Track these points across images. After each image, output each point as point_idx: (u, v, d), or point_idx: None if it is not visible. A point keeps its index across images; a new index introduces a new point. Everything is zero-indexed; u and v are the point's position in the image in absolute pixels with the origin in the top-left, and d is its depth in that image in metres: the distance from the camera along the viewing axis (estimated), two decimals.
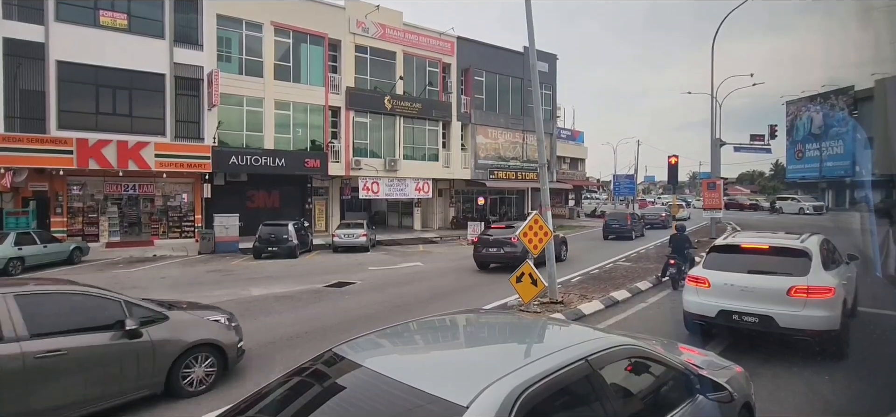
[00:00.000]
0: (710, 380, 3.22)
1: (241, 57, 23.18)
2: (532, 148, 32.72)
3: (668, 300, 10.17)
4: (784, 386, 5.51)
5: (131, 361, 4.91)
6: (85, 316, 4.79)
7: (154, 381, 5.14)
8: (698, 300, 6.81)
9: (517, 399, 2.11)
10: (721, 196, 23.01)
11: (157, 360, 5.11)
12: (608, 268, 14.41)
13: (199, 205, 21.93)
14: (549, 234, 9.05)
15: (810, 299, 5.97)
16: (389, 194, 27.79)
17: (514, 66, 32.96)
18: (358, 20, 26.03)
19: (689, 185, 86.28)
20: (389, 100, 27.02)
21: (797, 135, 54.66)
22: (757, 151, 27.86)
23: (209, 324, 5.75)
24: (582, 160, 54.40)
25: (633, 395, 2.94)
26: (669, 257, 11.60)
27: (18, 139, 17.33)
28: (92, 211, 20.48)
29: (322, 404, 2.36)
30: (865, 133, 41.77)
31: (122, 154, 18.80)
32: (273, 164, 22.73)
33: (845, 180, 46.39)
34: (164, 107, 20.14)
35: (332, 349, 2.77)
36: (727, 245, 7.24)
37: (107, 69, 19.00)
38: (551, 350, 2.63)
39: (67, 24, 18.32)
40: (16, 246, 15.18)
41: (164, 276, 14.68)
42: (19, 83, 17.99)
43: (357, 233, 20.74)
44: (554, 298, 9.49)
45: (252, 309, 10.05)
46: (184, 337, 5.35)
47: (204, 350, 5.49)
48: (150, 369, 5.06)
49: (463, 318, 3.84)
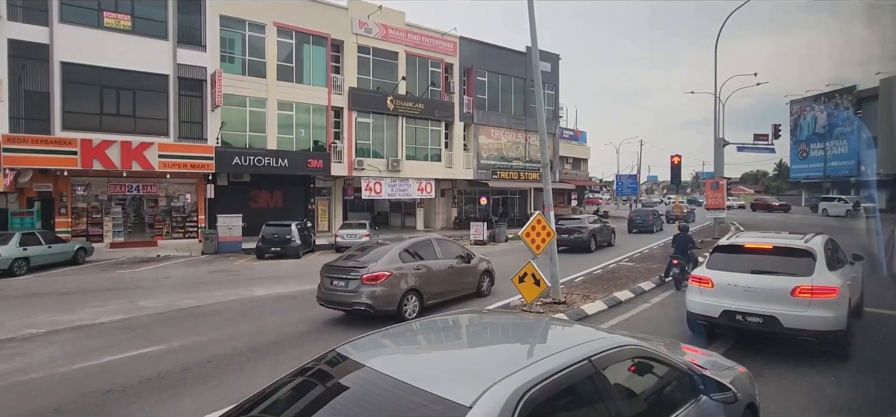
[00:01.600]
0: (714, 381, 3.20)
1: (244, 57, 23.24)
2: (534, 148, 32.68)
3: (671, 300, 10.14)
4: (789, 387, 5.48)
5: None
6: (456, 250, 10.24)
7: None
8: (702, 300, 6.78)
9: (520, 399, 2.10)
10: (724, 196, 22.94)
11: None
12: (611, 268, 14.37)
13: (202, 206, 21.99)
14: (552, 235, 9.03)
15: (815, 299, 5.94)
16: (392, 194, 27.81)
17: (517, 66, 32.93)
18: (360, 20, 26.06)
19: (691, 185, 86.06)
20: (392, 101, 27.04)
21: (801, 135, 54.44)
22: (760, 151, 27.78)
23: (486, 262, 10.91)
24: (585, 160, 54.27)
25: (636, 395, 2.93)
26: (673, 257, 11.56)
27: (23, 140, 17.42)
28: (96, 212, 20.55)
29: (325, 404, 2.37)
30: (870, 132, 41.55)
31: (126, 154, 18.87)
32: (276, 165, 22.78)
33: (849, 180, 46.17)
34: (167, 108, 20.21)
35: (336, 349, 2.77)
36: (731, 245, 7.21)
37: (111, 70, 19.09)
38: (554, 350, 2.62)
39: (71, 26, 18.41)
40: (21, 246, 15.24)
41: (168, 276, 14.73)
42: (24, 84, 18.08)
43: (360, 234, 20.76)
44: (557, 298, 9.47)
45: (256, 309, 10.08)
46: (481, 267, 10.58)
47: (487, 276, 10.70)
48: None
49: (466, 318, 3.84)
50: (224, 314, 9.65)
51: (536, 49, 10.14)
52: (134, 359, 6.88)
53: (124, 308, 10.14)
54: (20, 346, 7.62)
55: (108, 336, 8.15)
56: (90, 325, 8.82)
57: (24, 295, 11.94)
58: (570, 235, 18.83)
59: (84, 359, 6.88)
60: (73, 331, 8.44)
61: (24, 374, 6.36)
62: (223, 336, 8.00)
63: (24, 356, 7.14)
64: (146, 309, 9.98)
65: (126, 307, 10.21)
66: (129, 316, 9.41)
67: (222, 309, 10.10)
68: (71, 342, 7.83)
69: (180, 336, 8.00)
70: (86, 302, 10.83)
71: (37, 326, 8.73)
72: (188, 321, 9.12)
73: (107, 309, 10.08)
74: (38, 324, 8.84)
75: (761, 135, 26.84)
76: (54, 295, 12.02)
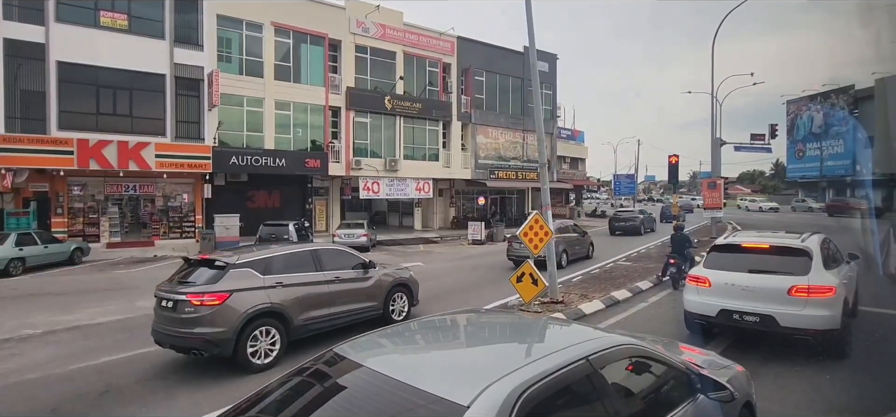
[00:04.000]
0: (711, 380, 3.22)
1: (241, 57, 23.18)
2: (532, 147, 32.70)
3: (668, 299, 10.17)
4: (785, 385, 5.51)
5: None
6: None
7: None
8: (699, 299, 6.80)
9: (518, 398, 2.11)
10: (722, 195, 23.00)
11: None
12: (608, 268, 14.40)
13: (199, 206, 21.94)
14: (550, 234, 9.04)
15: (811, 298, 5.97)
16: (390, 194, 27.79)
17: (515, 66, 32.95)
18: (358, 20, 26.03)
19: (689, 185, 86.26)
20: (390, 100, 27.02)
21: (798, 135, 54.62)
22: (757, 151, 27.84)
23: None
24: (582, 159, 54.39)
25: (634, 394, 2.94)
26: (670, 256, 11.59)
27: (19, 139, 17.34)
28: (93, 212, 20.47)
29: (323, 404, 2.36)
30: (866, 132, 41.73)
31: (123, 154, 18.81)
32: (273, 164, 22.73)
33: (846, 179, 46.37)
34: (164, 108, 20.14)
35: (333, 348, 2.77)
36: (728, 244, 7.24)
37: (107, 69, 19.00)
38: (552, 349, 2.63)
39: (68, 25, 18.32)
40: (17, 246, 15.17)
41: (165, 276, 14.66)
42: (20, 84, 17.99)
43: (357, 233, 20.75)
44: (554, 298, 9.49)
45: None
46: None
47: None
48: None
49: (463, 318, 3.84)
50: None
51: (534, 49, 10.15)
52: (131, 360, 6.87)
53: (121, 308, 10.11)
54: (17, 347, 7.59)
55: (105, 336, 8.13)
56: (87, 326, 8.79)
57: (20, 296, 11.88)
58: (626, 223, 26.58)
59: (81, 360, 6.86)
60: (69, 332, 8.41)
61: (20, 375, 6.34)
62: None
63: (20, 356, 7.11)
64: (143, 310, 9.91)
65: (123, 307, 10.18)
66: (126, 317, 9.38)
67: None
68: (68, 342, 7.80)
69: None
70: (82, 302, 10.79)
71: (33, 327, 8.69)
72: None
73: (104, 309, 10.04)
74: (34, 325, 8.81)
75: (758, 135, 26.90)
76: (51, 295, 11.96)
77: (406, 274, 8.97)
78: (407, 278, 8.84)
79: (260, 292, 6.51)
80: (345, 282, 7.67)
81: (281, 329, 6.61)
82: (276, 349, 6.56)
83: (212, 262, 6.66)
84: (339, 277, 7.60)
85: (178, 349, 6.39)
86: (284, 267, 6.99)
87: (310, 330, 7.07)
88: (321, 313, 7.21)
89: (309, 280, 7.15)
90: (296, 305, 6.85)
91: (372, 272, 8.14)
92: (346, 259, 8.07)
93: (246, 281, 6.45)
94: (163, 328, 6.35)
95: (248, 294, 6.39)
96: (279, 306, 6.63)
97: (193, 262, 6.97)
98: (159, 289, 6.63)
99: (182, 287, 6.37)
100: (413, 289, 8.88)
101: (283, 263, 7.04)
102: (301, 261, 7.31)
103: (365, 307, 7.93)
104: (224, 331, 6.06)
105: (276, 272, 6.84)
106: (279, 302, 6.64)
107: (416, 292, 8.95)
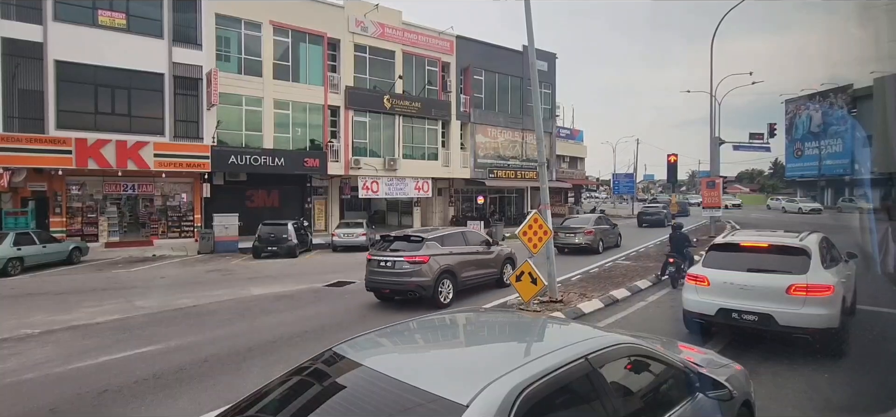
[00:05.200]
0: (710, 378, 3.22)
1: (240, 56, 23.14)
2: (531, 147, 32.70)
3: (667, 298, 10.18)
4: (784, 384, 5.52)
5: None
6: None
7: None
8: (698, 298, 6.81)
9: (517, 397, 2.11)
10: (720, 194, 23.03)
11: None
12: (607, 267, 14.41)
13: (198, 205, 21.91)
14: (549, 233, 9.04)
15: (809, 297, 5.98)
16: (389, 193, 27.78)
17: (514, 65, 32.94)
18: (357, 19, 26.00)
19: (687, 184, 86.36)
20: (389, 100, 27.00)
21: (796, 134, 54.73)
22: (756, 150, 27.89)
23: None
24: (581, 159, 54.38)
25: (632, 393, 2.94)
26: (669, 256, 11.61)
27: (17, 139, 17.30)
28: (91, 211, 20.44)
29: (322, 403, 2.36)
30: (864, 131, 41.81)
31: (121, 154, 18.78)
32: (272, 164, 22.71)
33: (844, 178, 46.46)
34: (163, 107, 20.11)
35: (332, 348, 2.77)
36: (727, 243, 7.25)
37: (105, 69, 18.96)
38: (551, 348, 2.63)
39: (66, 24, 18.28)
40: (15, 246, 15.15)
41: (164, 276, 14.68)
42: (18, 83, 17.95)
43: (357, 233, 20.75)
44: (554, 297, 9.49)
45: (252, 308, 10.06)
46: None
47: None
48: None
49: (462, 317, 3.84)
50: (220, 313, 9.62)
51: (533, 48, 10.15)
52: (130, 359, 6.86)
53: (120, 307, 10.09)
54: (15, 346, 7.58)
55: (104, 336, 8.11)
56: (86, 325, 8.78)
57: (18, 295, 11.87)
58: (652, 216, 30.81)
59: (80, 359, 6.85)
60: (68, 331, 8.40)
61: (19, 374, 6.33)
62: (219, 335, 7.98)
63: (19, 356, 7.10)
64: (142, 309, 9.94)
65: (122, 307, 10.17)
66: (124, 316, 9.37)
67: (218, 308, 10.07)
68: (66, 342, 7.79)
69: (176, 335, 7.97)
70: (81, 301, 10.78)
71: (32, 326, 8.68)
72: (184, 320, 9.09)
73: (102, 308, 10.03)
74: (33, 324, 8.80)
75: (757, 134, 26.93)
76: (49, 294, 11.95)
77: (509, 251, 11.98)
78: (512, 254, 11.83)
79: (443, 257, 9.73)
80: (480, 254, 10.84)
81: (454, 281, 9.88)
82: (451, 294, 9.79)
83: (408, 237, 10.04)
84: (477, 250, 10.79)
85: (395, 292, 9.64)
86: (452, 242, 10.14)
87: (466, 285, 10.23)
88: (470, 274, 10.41)
89: (464, 251, 10.38)
90: (459, 267, 10.06)
91: (493, 248, 11.25)
92: (478, 237, 11.24)
93: (435, 250, 9.68)
94: (382, 279, 9.61)
95: (438, 257, 9.65)
96: (453, 267, 9.88)
97: (393, 238, 10.18)
98: (375, 254, 9.83)
99: (395, 253, 9.63)
100: (515, 261, 11.50)
101: (450, 239, 10.18)
102: (457, 239, 10.41)
103: (490, 272, 11.05)
104: (429, 280, 9.36)
105: (447, 245, 9.98)
106: (453, 264, 9.90)
107: (516, 265, 11.19)
